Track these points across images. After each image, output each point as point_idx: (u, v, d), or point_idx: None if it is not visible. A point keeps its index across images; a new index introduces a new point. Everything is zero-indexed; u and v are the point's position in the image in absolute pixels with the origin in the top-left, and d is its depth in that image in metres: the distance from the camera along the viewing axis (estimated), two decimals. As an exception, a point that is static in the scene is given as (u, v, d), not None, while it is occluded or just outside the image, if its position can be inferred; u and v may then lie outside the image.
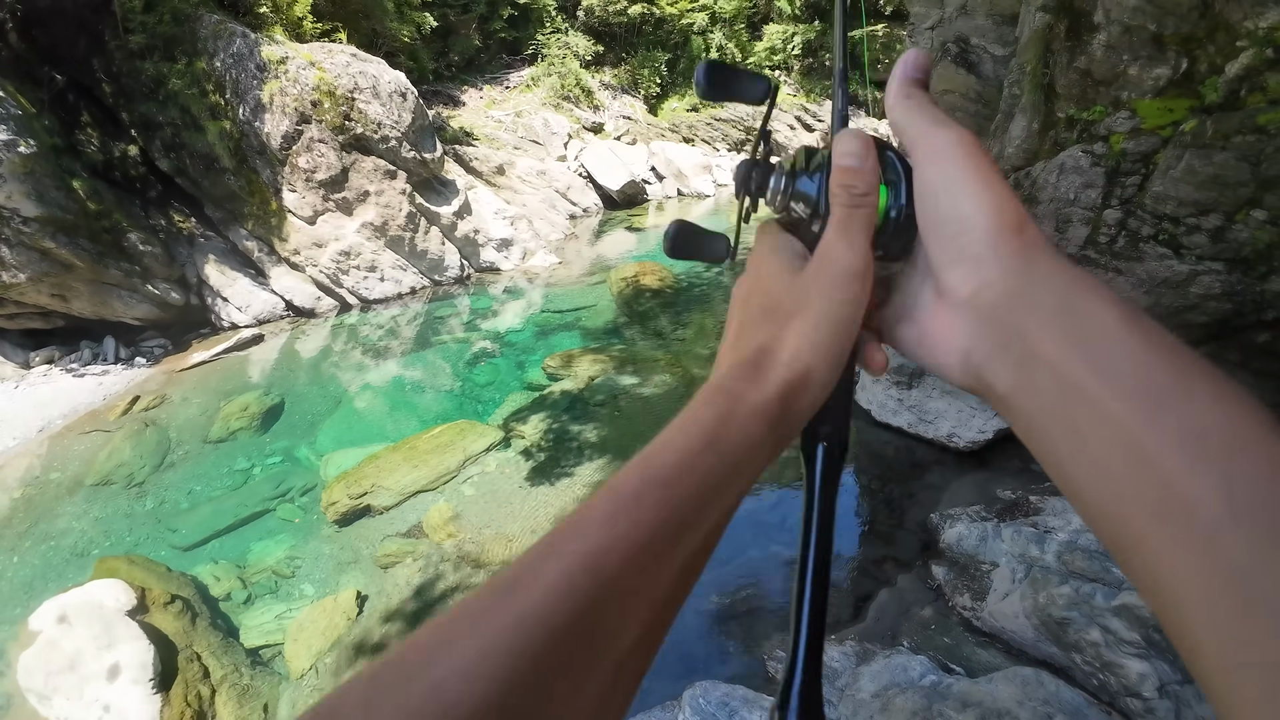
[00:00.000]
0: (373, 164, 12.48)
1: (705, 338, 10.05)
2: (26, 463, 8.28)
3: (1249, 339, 4.35)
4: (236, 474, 7.66)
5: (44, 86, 10.94)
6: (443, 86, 19.97)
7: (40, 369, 10.18)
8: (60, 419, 9.10)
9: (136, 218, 11.11)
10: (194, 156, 11.79)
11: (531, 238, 14.94)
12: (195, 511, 7.05)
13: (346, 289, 12.40)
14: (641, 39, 24.03)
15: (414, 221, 12.90)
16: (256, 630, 5.55)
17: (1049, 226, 4.56)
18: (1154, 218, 4.06)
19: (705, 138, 23.75)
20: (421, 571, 5.77)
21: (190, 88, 11.55)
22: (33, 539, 6.86)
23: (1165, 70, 3.89)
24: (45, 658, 4.83)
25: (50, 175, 9.72)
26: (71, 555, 6.56)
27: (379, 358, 10.65)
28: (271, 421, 8.75)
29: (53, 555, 6.60)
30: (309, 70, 12.07)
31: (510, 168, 17.16)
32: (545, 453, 7.31)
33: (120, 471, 7.80)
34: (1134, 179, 4.09)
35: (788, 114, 25.01)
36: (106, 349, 10.56)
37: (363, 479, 7.05)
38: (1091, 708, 2.75)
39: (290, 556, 6.27)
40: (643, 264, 13.13)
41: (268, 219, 12.06)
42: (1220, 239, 3.87)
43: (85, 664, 4.77)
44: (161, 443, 8.41)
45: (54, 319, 10.52)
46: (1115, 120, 4.14)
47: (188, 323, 11.42)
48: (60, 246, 9.67)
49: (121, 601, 5.37)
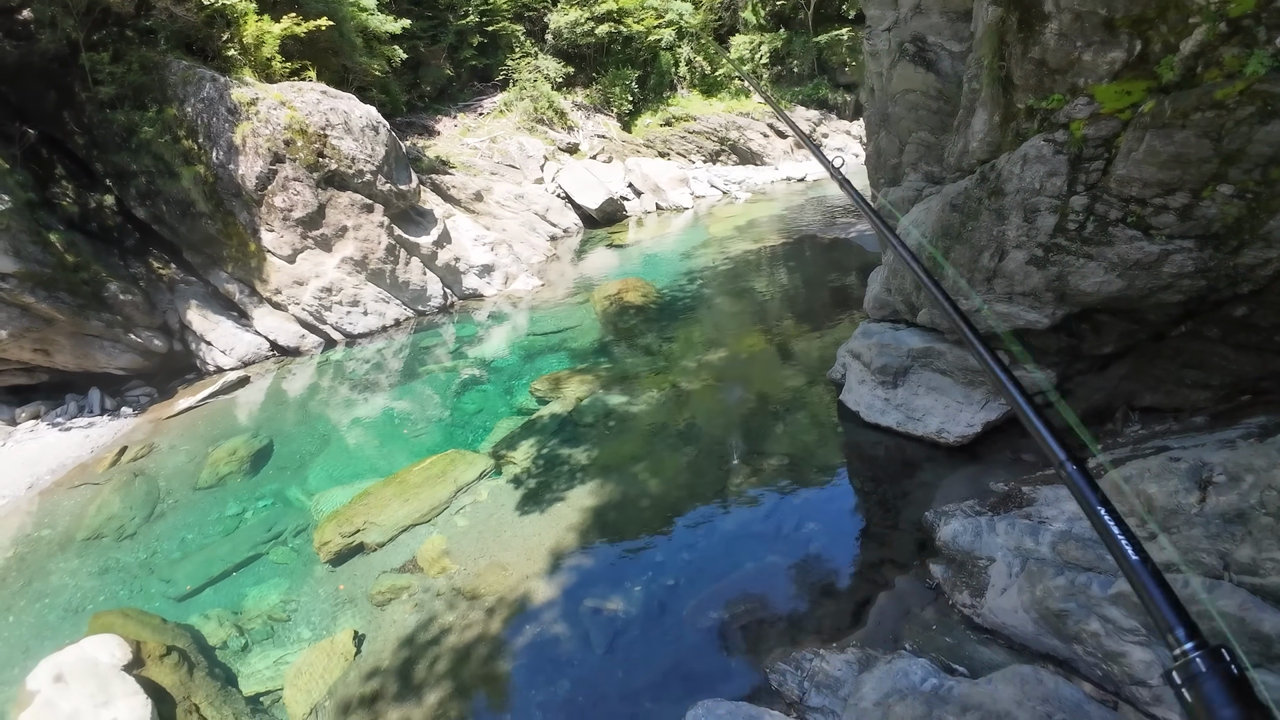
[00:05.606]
0: (349, 199, 12.48)
1: (692, 350, 10.04)
2: (17, 521, 8.17)
3: (1226, 314, 4.37)
4: (228, 519, 7.57)
5: (15, 142, 10.92)
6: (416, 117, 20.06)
7: (26, 425, 10.07)
8: (49, 474, 8.98)
9: (115, 267, 11.05)
10: (170, 203, 11.76)
11: (513, 262, 14.95)
12: (188, 560, 6.95)
13: (330, 325, 12.35)
14: (611, 58, 24.24)
15: (394, 253, 12.88)
16: (254, 677, 5.45)
17: (1017, 218, 4.58)
18: (1121, 201, 4.08)
19: (680, 151, 23.92)
20: (418, 608, 5.70)
21: (162, 135, 11.54)
22: (27, 597, 6.75)
23: (1120, 53, 3.91)
24: (43, 718, 4.72)
25: (26, 230, 9.66)
26: (66, 612, 6.45)
27: (366, 392, 10.59)
28: (261, 464, 8.67)
29: (47, 613, 6.49)
30: (280, 110, 12.09)
31: (488, 193, 17.21)
32: (536, 478, 7.25)
33: (111, 524, 7.69)
34: (1097, 164, 4.11)
35: (759, 122, 25.24)
36: (92, 401, 10.45)
37: (354, 516, 6.97)
38: (1091, 703, 2.72)
39: (285, 600, 6.18)
40: (625, 281, 13.16)
41: (247, 260, 12.02)
42: (1188, 217, 3.89)
43: (80, 725, 4.67)
44: (151, 493, 8.30)
45: (37, 374, 10.42)
46: (1074, 107, 4.17)
47: (172, 369, 11.33)
48: (40, 301, 9.60)
49: (117, 657, 5.27)
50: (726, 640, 4.80)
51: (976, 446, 5.97)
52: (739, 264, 14.41)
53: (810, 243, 15.33)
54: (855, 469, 6.43)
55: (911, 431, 6.33)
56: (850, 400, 7.04)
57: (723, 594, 5.16)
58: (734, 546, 5.75)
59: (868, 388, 6.85)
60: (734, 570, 5.35)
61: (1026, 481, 4.95)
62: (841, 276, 12.72)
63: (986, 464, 5.76)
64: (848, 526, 5.80)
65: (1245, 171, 3.56)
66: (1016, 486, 4.90)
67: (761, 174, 23.68)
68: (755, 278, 13.48)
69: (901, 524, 5.48)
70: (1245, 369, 4.62)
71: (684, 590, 5.34)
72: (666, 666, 4.69)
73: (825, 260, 14.12)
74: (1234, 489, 3.00)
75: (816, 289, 12.49)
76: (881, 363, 6.59)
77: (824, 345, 9.28)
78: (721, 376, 8.92)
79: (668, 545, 5.95)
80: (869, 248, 13.76)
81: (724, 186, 22.22)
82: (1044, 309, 4.80)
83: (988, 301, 5.00)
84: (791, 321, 10.81)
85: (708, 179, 22.53)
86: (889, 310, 6.81)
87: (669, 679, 4.58)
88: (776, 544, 5.65)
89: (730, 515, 6.23)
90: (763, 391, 8.18)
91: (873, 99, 7.51)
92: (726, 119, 24.76)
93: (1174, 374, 5.00)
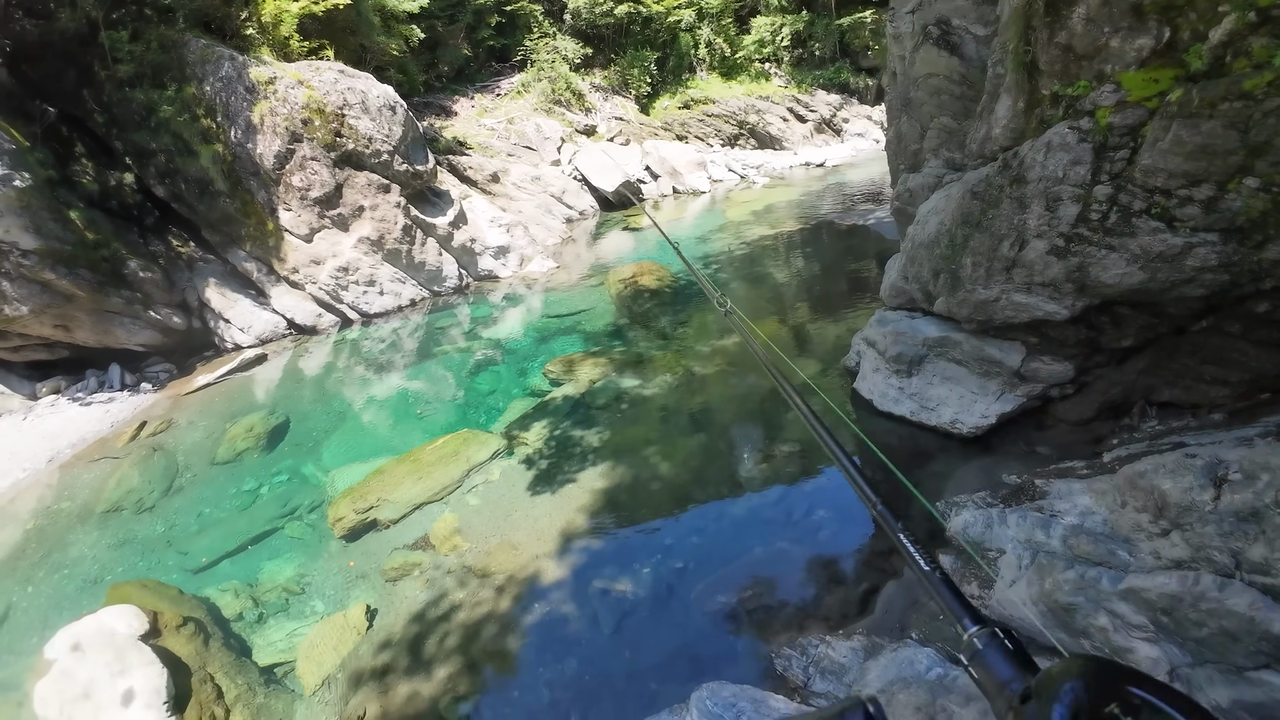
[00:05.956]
0: (366, 179, 12.51)
1: (706, 335, 10.02)
2: (37, 494, 8.34)
3: (1248, 309, 4.29)
4: (244, 494, 7.69)
5: (36, 120, 11.03)
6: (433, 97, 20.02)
7: (47, 400, 10.25)
8: (69, 448, 9.16)
9: (135, 245, 11.17)
10: (188, 181, 11.85)
11: (528, 244, 14.95)
12: (205, 534, 7.08)
13: (346, 305, 12.44)
14: (630, 39, 24.03)
15: (410, 234, 12.92)
16: (269, 649, 5.56)
17: (1039, 206, 4.51)
18: (1145, 191, 4.00)
19: (698, 134, 23.73)
20: (429, 584, 5.77)
21: (181, 114, 11.61)
22: (46, 569, 6.90)
23: (1148, 40, 3.83)
24: (60, 687, 4.84)
25: (47, 208, 9.78)
26: (84, 583, 6.60)
27: (381, 371, 10.68)
28: (277, 440, 8.78)
29: (66, 584, 6.64)
30: (298, 89, 12.11)
31: (504, 175, 17.19)
32: (548, 459, 7.30)
33: (130, 498, 7.84)
34: (1122, 153, 4.04)
35: (779, 106, 24.95)
36: (112, 377, 10.62)
37: (368, 493, 7.06)
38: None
39: (300, 574, 6.28)
40: (640, 264, 13.13)
41: (265, 239, 12.11)
42: (1213, 209, 3.82)
43: (99, 692, 4.78)
44: (169, 467, 8.45)
45: (58, 349, 10.59)
46: (1100, 94, 4.08)
47: (191, 346, 11.48)
48: (60, 278, 9.73)
49: (134, 627, 5.39)
50: (733, 624, 4.83)
51: (990, 438, 5.93)
52: (755, 249, 14.33)
53: (828, 229, 15.20)
54: (867, 457, 6.42)
55: (925, 421, 6.30)
56: (864, 388, 7.01)
57: (731, 578, 5.18)
58: (743, 531, 5.76)
59: (882, 376, 6.81)
60: (743, 555, 5.37)
61: (1040, 474, 4.92)
62: (858, 264, 12.62)
63: (1000, 456, 5.72)
64: (857, 515, 5.79)
65: (1272, 165, 3.49)
66: (1029, 479, 4.87)
67: (780, 158, 23.46)
68: (771, 264, 13.40)
69: (912, 513, 5.45)
70: (1266, 366, 4.54)
71: (692, 573, 5.37)
72: (673, 648, 4.73)
73: (842, 247, 14.00)
74: (1249, 487, 2.96)
75: (833, 276, 12.40)
76: (896, 351, 6.55)
77: (839, 333, 9.23)
78: (735, 362, 8.90)
79: (677, 528, 5.98)
80: (887, 235, 13.62)
81: (741, 171, 22.05)
82: (1063, 300, 4.74)
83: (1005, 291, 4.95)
84: (807, 308, 10.75)
85: (725, 163, 22.36)
86: (905, 298, 6.75)
87: (675, 660, 4.63)
88: (786, 530, 5.66)
89: (740, 500, 6.24)
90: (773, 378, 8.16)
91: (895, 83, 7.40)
92: (745, 102, 24.49)
93: (1193, 369, 4.93)
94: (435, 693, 4.76)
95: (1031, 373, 5.56)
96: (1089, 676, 0.38)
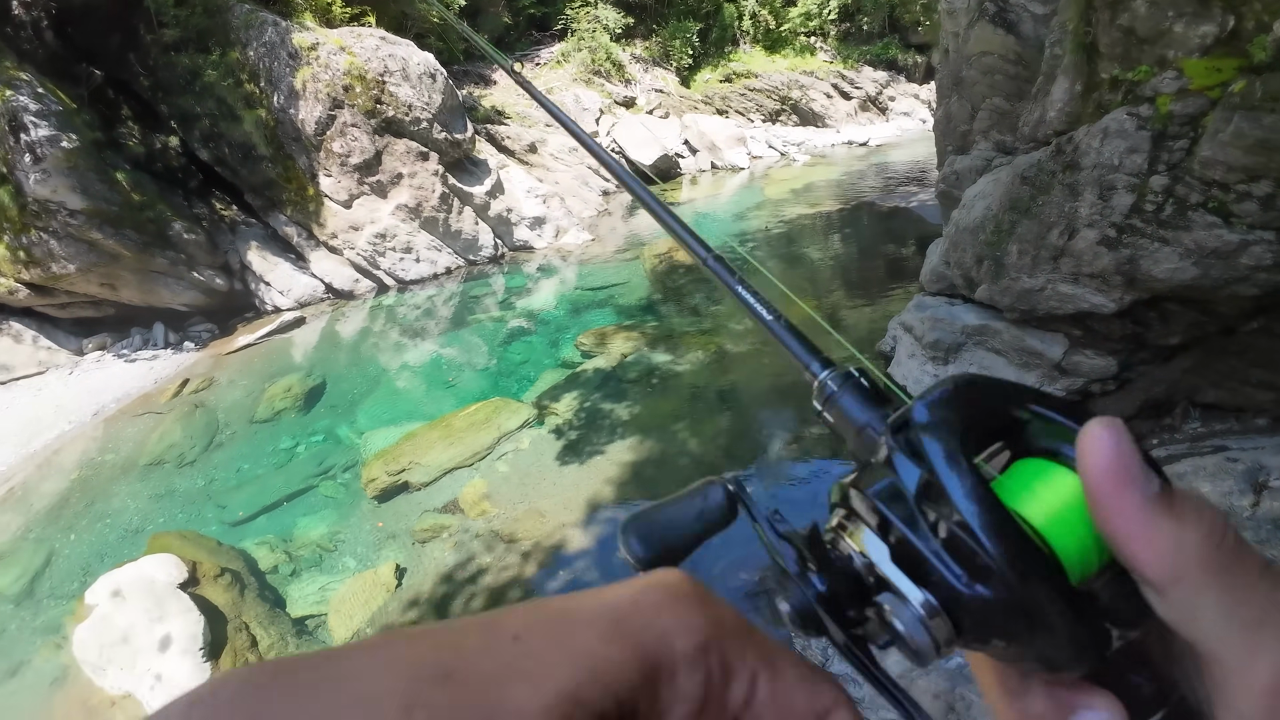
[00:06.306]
0: (405, 146, 12.58)
1: (739, 314, 9.94)
2: (82, 445, 8.67)
3: (1304, 310, 4.13)
4: (281, 453, 7.90)
5: (82, 83, 11.26)
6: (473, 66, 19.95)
7: (93, 355, 10.61)
8: (113, 403, 9.48)
9: (179, 207, 11.42)
10: (232, 146, 12.04)
11: (564, 215, 14.94)
12: (243, 489, 7.31)
13: (383, 271, 12.59)
14: (672, 9, 23.62)
15: (447, 202, 13.00)
16: (301, 601, 5.75)
17: (1091, 195, 4.37)
18: (1202, 184, 3.85)
19: (739, 108, 23.34)
20: (457, 546, 5.90)
21: (225, 78, 11.76)
22: (89, 518, 7.20)
23: (1211, 28, 3.66)
24: (99, 631, 5.05)
25: (93, 169, 10.03)
26: (126, 532, 6.87)
27: (416, 338, 10.83)
28: (314, 402, 8.99)
29: (108, 533, 6.92)
30: (339, 55, 12.17)
31: (542, 145, 17.14)
32: (577, 430, 7.36)
33: (172, 452, 8.11)
34: (1181, 143, 3.88)
35: (823, 81, 24.39)
36: (156, 335, 10.94)
37: (401, 456, 7.21)
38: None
39: (333, 531, 6.47)
40: (676, 240, 13.03)
41: (305, 204, 12.28)
42: (1271, 207, 3.66)
43: (138, 636, 4.99)
44: (210, 424, 8.71)
45: (104, 307, 10.92)
46: (1161, 81, 3.92)
47: (232, 307, 11.76)
48: (107, 237, 10.00)
49: (173, 575, 5.60)
50: (753, 603, 4.86)
51: (1025, 429, 5.82)
52: (793, 228, 14.14)
53: (868, 210, 14.92)
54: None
55: (958, 410, 6.20)
56: (898, 374, 6.91)
57: (753, 558, 5.20)
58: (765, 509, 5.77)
59: (917, 362, 6.71)
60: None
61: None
62: (898, 247, 12.39)
63: (1034, 447, 5.62)
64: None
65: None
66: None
67: (822, 136, 22.99)
68: (809, 243, 13.23)
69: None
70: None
71: (715, 550, 5.39)
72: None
73: (882, 229, 13.74)
74: (1295, 491, 2.88)
75: (871, 258, 12.20)
76: (934, 337, 6.44)
77: (875, 316, 9.10)
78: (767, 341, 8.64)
79: (702, 506, 6.00)
80: (929, 218, 13.33)
81: (782, 148, 21.67)
82: (1111, 293, 4.60)
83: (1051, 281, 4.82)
84: (843, 290, 10.61)
85: (766, 139, 21.98)
86: (946, 284, 6.62)
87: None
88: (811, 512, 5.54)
89: (767, 480, 6.24)
90: (807, 360, 8.08)
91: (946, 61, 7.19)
92: (789, 77, 23.95)
93: (1240, 371, 4.76)
94: (460, 653, 4.88)
95: (1073, 366, 5.43)
96: (964, 386, 0.33)
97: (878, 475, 0.33)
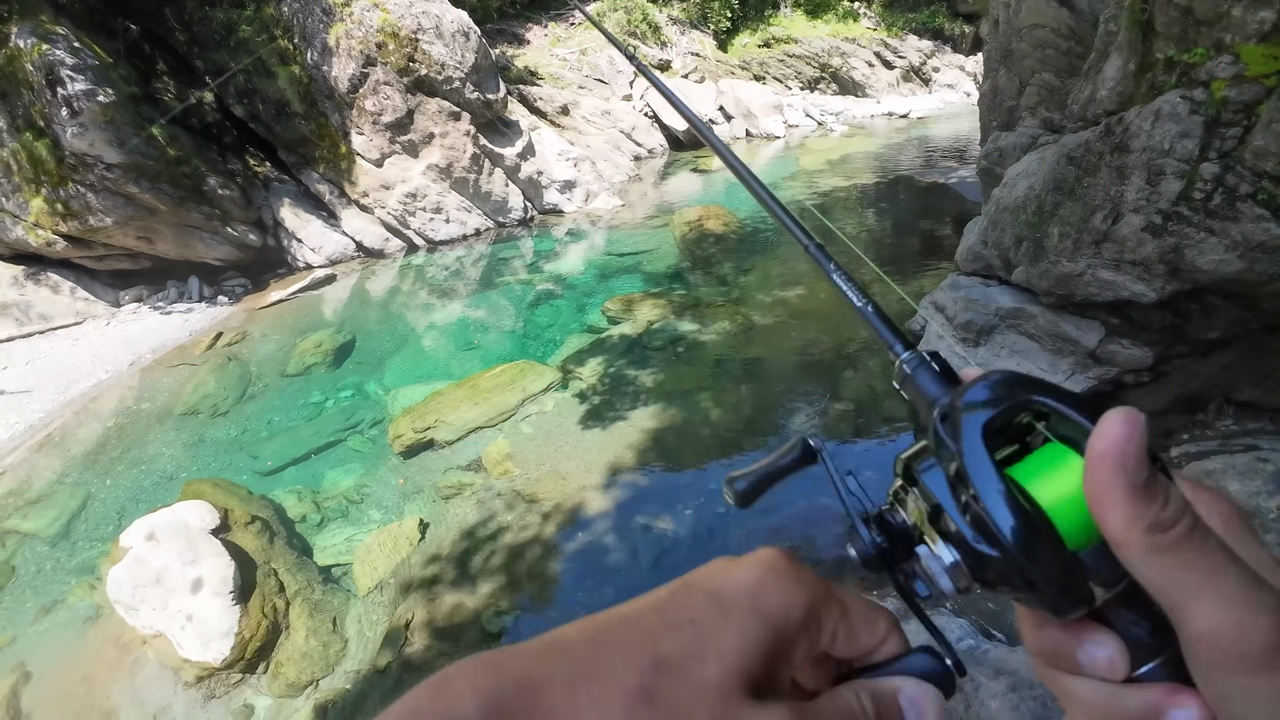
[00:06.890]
0: (437, 106, 12.53)
1: (768, 284, 9.87)
2: (119, 394, 8.93)
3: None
4: (311, 406, 8.07)
5: (119, 37, 11.32)
6: (506, 25, 19.70)
7: (129, 307, 10.86)
8: (149, 354, 9.73)
9: (214, 163, 11.54)
10: (266, 102, 12.08)
11: (595, 179, 14.84)
12: (274, 440, 7.50)
13: (413, 230, 12.66)
14: (713, -30, 22.99)
15: (478, 163, 12.97)
16: (328, 550, 5.93)
17: (1139, 179, 4.23)
18: (1254, 175, 3.70)
19: (777, 75, 22.81)
20: (479, 504, 6.02)
21: (260, 34, 11.75)
22: (125, 464, 7.44)
23: (1270, 14, 3.49)
24: (133, 572, 5.23)
25: (130, 123, 10.14)
26: (160, 479, 7.10)
27: (444, 298, 10.92)
28: (343, 358, 9.14)
29: (143, 479, 7.16)
30: (373, 12, 12.08)
31: (574, 108, 16.96)
32: (601, 395, 7.41)
33: (206, 402, 8.33)
34: (1234, 131, 3.72)
35: (865, 49, 23.70)
36: (191, 288, 11.16)
37: (427, 414, 7.32)
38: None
39: (360, 484, 6.63)
40: (707, 207, 12.89)
41: (338, 162, 12.33)
42: (1327, 199, 3.52)
43: (170, 578, 5.18)
44: (243, 376, 8.91)
45: (141, 260, 11.15)
46: (1217, 65, 3.75)
47: (265, 263, 11.93)
48: (143, 191, 10.16)
49: (206, 521, 5.80)
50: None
51: (1054, 415, 5.74)
52: (827, 201, 13.90)
53: (905, 185, 14.59)
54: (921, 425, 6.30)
55: (988, 392, 6.11)
56: (926, 354, 6.83)
57: (771, 529, 5.24)
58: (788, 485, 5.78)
59: (947, 343, 6.61)
60: (786, 507, 5.40)
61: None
62: (934, 224, 12.13)
63: (1062, 433, 5.54)
64: (906, 479, 5.73)
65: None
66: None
67: (862, 106, 22.42)
68: (843, 217, 13.00)
69: (963, 483, 5.38)
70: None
71: (734, 520, 5.45)
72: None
73: (919, 205, 13.45)
74: (1329, 492, 2.81)
75: (905, 235, 11.97)
76: (966, 319, 6.33)
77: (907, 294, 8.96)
78: (795, 314, 8.77)
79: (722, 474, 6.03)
80: (968, 196, 13.01)
81: (819, 117, 21.18)
82: (1153, 282, 4.48)
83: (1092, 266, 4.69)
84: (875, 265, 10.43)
85: (803, 108, 21.48)
86: (982, 264, 6.48)
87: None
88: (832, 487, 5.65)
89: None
90: (836, 334, 8.01)
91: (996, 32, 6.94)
92: (830, 44, 23.27)
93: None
94: (478, 605, 5.02)
95: (1108, 355, 5.31)
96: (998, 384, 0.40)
97: (926, 454, 0.42)
